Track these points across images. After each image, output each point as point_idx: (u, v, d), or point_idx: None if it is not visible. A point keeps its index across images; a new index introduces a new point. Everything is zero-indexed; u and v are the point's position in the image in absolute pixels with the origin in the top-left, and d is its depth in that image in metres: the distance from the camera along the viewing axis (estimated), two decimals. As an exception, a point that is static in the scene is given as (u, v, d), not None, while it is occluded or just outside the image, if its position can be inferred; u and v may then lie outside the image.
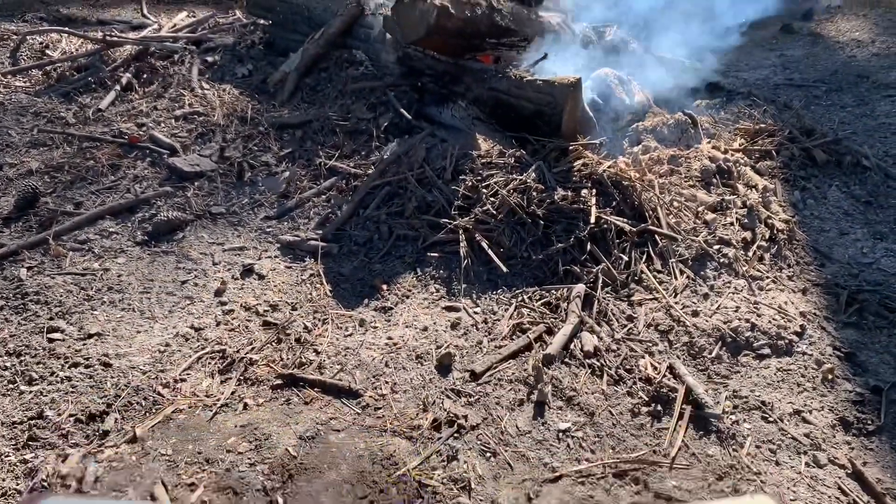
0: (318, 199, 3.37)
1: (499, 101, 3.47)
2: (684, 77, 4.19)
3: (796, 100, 4.83)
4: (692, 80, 4.26)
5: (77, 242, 3.06)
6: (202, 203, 3.32)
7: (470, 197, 3.14)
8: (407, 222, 3.17)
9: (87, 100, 4.07)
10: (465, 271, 2.90)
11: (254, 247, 3.11)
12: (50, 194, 3.34)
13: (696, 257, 2.95)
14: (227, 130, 3.72)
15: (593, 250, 2.88)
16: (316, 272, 2.96)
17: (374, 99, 3.79)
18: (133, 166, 3.53)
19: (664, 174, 3.36)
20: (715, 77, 4.59)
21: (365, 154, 3.55)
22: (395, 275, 2.95)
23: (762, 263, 3.00)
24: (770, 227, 3.15)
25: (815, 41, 6.19)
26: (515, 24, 3.60)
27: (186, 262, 3.00)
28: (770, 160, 3.65)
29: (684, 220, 3.10)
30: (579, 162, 3.17)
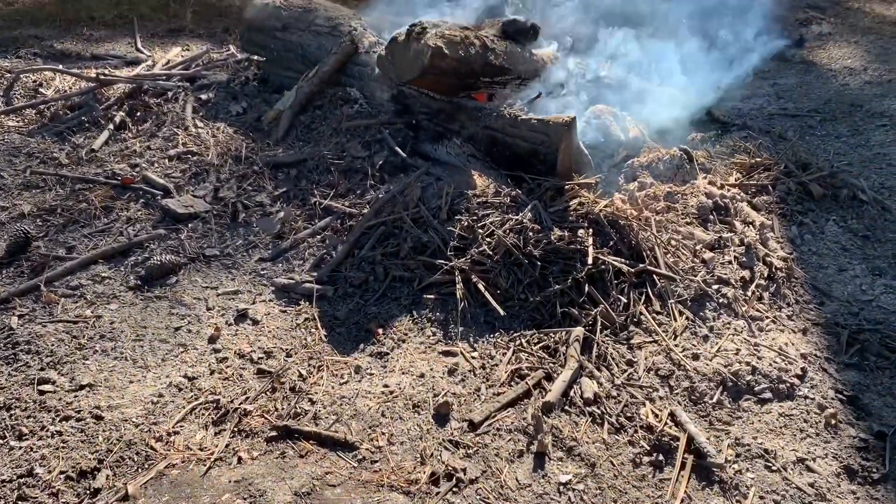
0: (312, 239, 3.35)
1: (494, 139, 3.46)
2: (679, 109, 4.19)
3: (791, 130, 4.84)
4: (687, 112, 4.27)
5: (69, 288, 3.02)
6: (196, 245, 3.29)
7: (466, 237, 3.12)
8: (402, 263, 3.14)
9: (80, 139, 4.06)
10: (461, 314, 2.86)
11: (248, 290, 3.08)
12: (42, 238, 3.31)
13: (695, 298, 2.93)
14: (221, 170, 3.70)
15: (591, 292, 2.85)
16: (311, 316, 2.93)
17: (369, 137, 3.78)
18: (126, 208, 3.50)
19: (661, 211, 3.35)
20: (709, 109, 4.60)
21: (360, 193, 3.53)
22: (390, 318, 2.92)
23: (761, 303, 2.97)
24: (768, 265, 3.13)
25: (807, 69, 6.23)
26: (509, 62, 3.60)
27: (180, 308, 2.96)
28: (767, 195, 3.64)
29: (682, 259, 3.08)
30: (575, 201, 3.15)
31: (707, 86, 4.71)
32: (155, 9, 7.10)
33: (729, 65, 5.26)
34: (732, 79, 4.89)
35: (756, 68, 5.23)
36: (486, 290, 2.90)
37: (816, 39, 6.96)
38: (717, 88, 4.65)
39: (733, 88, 5.09)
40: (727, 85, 4.79)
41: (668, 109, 4.19)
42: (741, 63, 5.47)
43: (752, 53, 5.77)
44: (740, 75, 5.03)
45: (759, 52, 5.87)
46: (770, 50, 6.19)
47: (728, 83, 4.80)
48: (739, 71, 5.00)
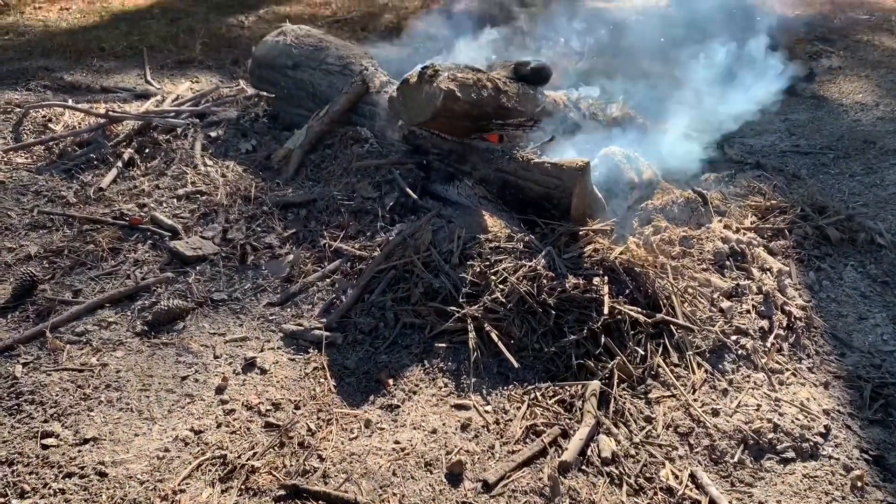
0: (322, 283, 3.30)
1: (506, 182, 3.42)
2: (692, 149, 4.16)
3: (804, 168, 4.80)
4: (700, 151, 4.23)
5: (75, 334, 2.97)
6: (204, 289, 3.24)
7: (478, 283, 3.06)
8: (413, 309, 3.08)
9: (88, 177, 4.03)
10: (474, 364, 2.80)
11: (256, 337, 3.02)
12: (48, 281, 3.26)
13: (714, 349, 2.87)
14: (230, 210, 3.66)
15: (608, 343, 2.79)
16: (320, 365, 2.87)
17: (380, 177, 3.75)
18: (134, 250, 3.46)
19: (676, 256, 3.29)
20: (722, 147, 4.56)
21: (370, 235, 3.49)
22: (401, 367, 2.86)
23: (781, 354, 2.91)
24: (787, 314, 3.07)
25: (818, 104, 6.19)
26: (522, 104, 3.57)
27: (187, 356, 2.90)
28: (783, 239, 3.58)
29: (699, 307, 3.02)
30: (590, 247, 3.10)
31: (719, 124, 4.68)
32: (164, 39, 7.14)
33: (740, 101, 5.24)
34: (745, 116, 4.85)
35: (768, 104, 5.20)
36: (500, 340, 2.84)
37: (826, 73, 6.93)
38: (729, 126, 4.61)
39: (745, 125, 5.06)
40: (739, 122, 4.75)
41: (681, 149, 4.16)
42: (753, 98, 5.45)
43: (763, 89, 5.75)
44: (752, 111, 5.00)
45: (769, 88, 5.85)
46: (781, 85, 6.18)
47: (740, 121, 4.76)
48: (751, 107, 4.96)
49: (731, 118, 4.76)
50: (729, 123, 4.71)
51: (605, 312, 2.82)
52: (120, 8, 8.31)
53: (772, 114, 5.96)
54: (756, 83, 5.69)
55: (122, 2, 8.53)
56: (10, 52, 6.57)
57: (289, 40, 4.38)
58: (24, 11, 7.92)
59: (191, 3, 8.58)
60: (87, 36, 7.16)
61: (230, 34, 7.45)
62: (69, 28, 7.48)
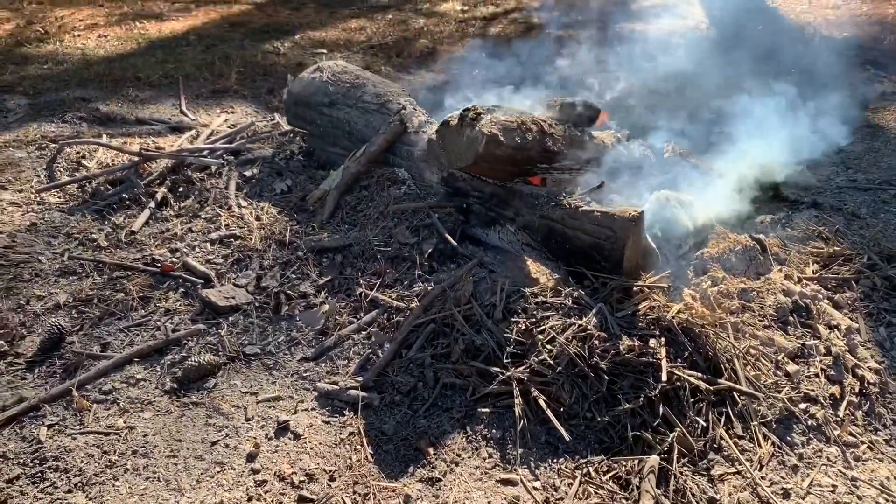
0: (358, 335, 3.14)
1: (551, 229, 3.24)
2: (746, 189, 3.93)
3: (864, 207, 4.52)
4: (755, 192, 4.00)
5: (102, 393, 2.85)
6: (236, 342, 3.11)
7: (523, 342, 2.88)
8: (454, 368, 2.91)
9: (120, 219, 3.94)
10: (520, 433, 2.61)
11: (289, 396, 2.87)
12: (77, 332, 3.16)
13: (781, 419, 2.65)
14: (265, 256, 3.54)
15: (666, 412, 2.58)
16: (356, 429, 2.70)
17: (418, 221, 3.59)
18: (165, 298, 3.34)
19: (736, 311, 3.07)
20: (778, 185, 4.32)
21: (408, 283, 3.33)
22: (442, 434, 2.68)
23: (855, 425, 2.67)
24: (859, 378, 2.83)
25: (874, 133, 5.90)
26: (568, 147, 3.39)
27: (217, 417, 2.76)
28: (849, 291, 3.34)
29: (763, 371, 2.80)
30: (645, 304, 2.90)
31: (775, 159, 4.45)
32: (200, 67, 7.11)
33: (797, 136, 5.01)
34: (803, 153, 4.63)
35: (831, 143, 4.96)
36: (548, 407, 2.65)
37: (880, 100, 6.64)
38: (785, 163, 4.38)
39: (801, 159, 4.82)
40: (796, 158, 4.52)
41: (735, 189, 3.94)
42: (809, 132, 5.21)
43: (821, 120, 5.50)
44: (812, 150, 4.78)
45: (828, 120, 5.60)
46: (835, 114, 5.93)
47: (798, 157, 4.53)
48: (810, 144, 4.74)
49: (786, 156, 4.53)
50: (783, 161, 4.48)
51: (663, 378, 2.62)
52: (157, 35, 8.33)
53: (825, 145, 5.71)
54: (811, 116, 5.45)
55: (158, 28, 8.55)
56: (48, 82, 6.58)
57: (325, 77, 4.26)
58: (63, 39, 7.97)
59: (226, 29, 8.58)
60: (124, 64, 7.16)
61: (265, 61, 7.40)
62: (106, 56, 7.49)
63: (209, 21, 8.90)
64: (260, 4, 9.71)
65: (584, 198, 3.21)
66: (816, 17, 9.03)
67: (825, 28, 8.62)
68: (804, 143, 5.10)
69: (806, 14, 9.20)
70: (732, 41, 6.98)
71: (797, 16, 9.16)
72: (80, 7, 9.18)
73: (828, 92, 6.08)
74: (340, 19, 9.12)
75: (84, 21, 8.70)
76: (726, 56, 6.51)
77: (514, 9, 9.68)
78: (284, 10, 9.50)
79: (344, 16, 9.29)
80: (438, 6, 9.84)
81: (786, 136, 4.96)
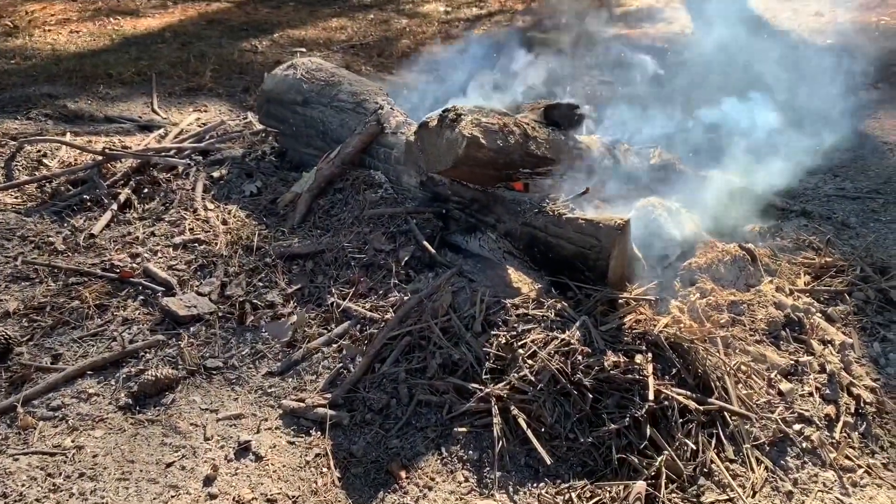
0: (328, 348, 2.96)
1: (534, 237, 3.08)
2: (735, 198, 3.80)
3: (853, 216, 4.42)
4: (744, 200, 3.87)
5: (49, 409, 2.65)
6: (197, 355, 2.91)
7: (503, 357, 2.72)
8: (430, 384, 2.74)
9: (80, 221, 3.73)
10: (499, 455, 2.45)
11: (252, 414, 2.69)
12: (26, 342, 2.95)
13: (774, 441, 2.50)
14: (230, 262, 3.35)
15: (653, 434, 2.42)
16: (323, 451, 2.52)
17: (394, 227, 3.42)
18: (123, 306, 3.14)
19: (725, 324, 2.93)
20: (767, 195, 4.19)
21: (383, 293, 3.16)
22: (415, 455, 2.51)
23: (851, 447, 2.53)
24: (855, 397, 2.70)
25: (861, 142, 5.81)
26: (552, 152, 3.24)
27: (174, 437, 2.57)
28: (842, 304, 3.21)
29: (755, 389, 2.65)
30: (631, 318, 2.75)
31: (762, 167, 4.33)
32: (174, 65, 6.89)
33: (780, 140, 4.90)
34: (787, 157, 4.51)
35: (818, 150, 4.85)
36: (528, 427, 2.49)
37: (866, 108, 6.57)
38: (772, 172, 4.26)
39: (789, 167, 4.71)
40: (786, 166, 4.40)
41: (723, 197, 3.80)
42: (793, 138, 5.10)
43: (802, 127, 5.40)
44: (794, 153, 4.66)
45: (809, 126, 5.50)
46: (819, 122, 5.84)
47: (784, 164, 4.41)
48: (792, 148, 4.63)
49: (774, 162, 4.41)
50: (771, 169, 4.36)
51: (650, 397, 2.46)
52: (131, 31, 8.09)
53: (812, 153, 5.61)
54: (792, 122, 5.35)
55: (133, 25, 8.32)
56: (15, 77, 6.34)
57: (299, 74, 4.08)
58: (32, 34, 7.72)
59: (204, 27, 8.36)
60: (96, 60, 6.93)
61: (242, 60, 7.20)
62: (77, 52, 7.26)
63: (186, 18, 8.68)
64: (239, 2, 9.50)
65: (568, 205, 3.05)
66: (801, 24, 8.97)
67: (809, 35, 8.57)
68: (790, 151, 4.99)
69: (790, 21, 9.14)
70: (717, 47, 6.89)
71: (781, 23, 9.10)
72: (53, 2, 8.93)
73: (813, 99, 5.99)
74: (321, 18, 8.93)
75: (56, 16, 8.45)
76: (711, 62, 6.41)
77: (497, 11, 9.54)
78: (264, 7, 9.30)
79: (325, 15, 9.10)
80: (421, 7, 9.68)
81: (771, 143, 4.85)
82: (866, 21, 9.08)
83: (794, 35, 8.54)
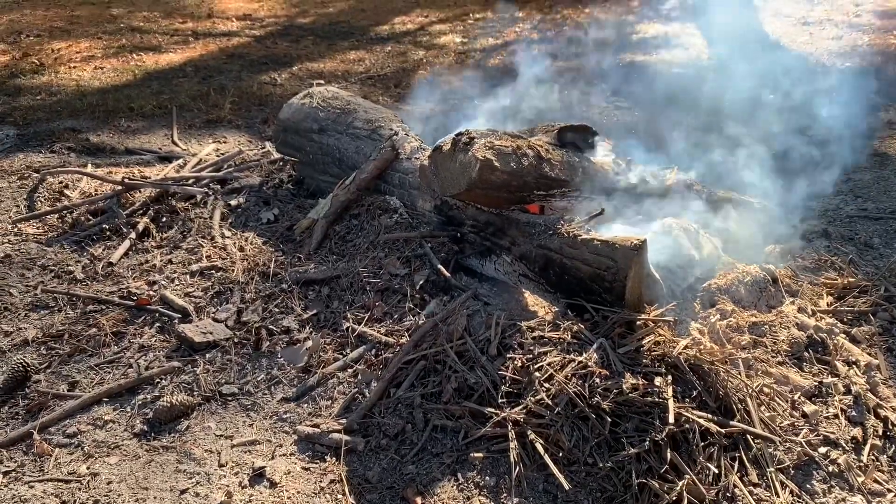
0: (343, 373, 2.95)
1: (549, 259, 3.06)
2: (755, 219, 3.75)
3: (876, 236, 4.34)
4: (763, 221, 3.82)
5: (66, 436, 2.65)
6: (213, 381, 2.91)
7: (519, 381, 2.68)
8: (445, 409, 2.70)
9: (99, 250, 3.77)
10: (516, 480, 2.40)
11: (267, 440, 2.67)
12: (44, 370, 2.97)
13: (799, 464, 2.43)
14: (247, 289, 3.35)
15: (674, 458, 2.37)
16: (337, 477, 2.49)
17: (409, 251, 3.42)
18: (140, 333, 3.16)
19: (746, 346, 2.87)
20: (786, 215, 4.14)
21: (398, 317, 3.14)
22: (431, 481, 2.47)
23: (880, 471, 2.45)
24: (882, 419, 2.62)
25: (882, 162, 5.74)
26: (566, 173, 3.23)
27: (188, 463, 2.55)
28: (866, 324, 3.14)
29: (779, 412, 2.59)
30: (649, 339, 2.70)
31: (780, 187, 4.28)
32: (194, 98, 7.01)
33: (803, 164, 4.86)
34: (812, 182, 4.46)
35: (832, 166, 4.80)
36: (546, 452, 2.44)
37: (886, 128, 6.50)
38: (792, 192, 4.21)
39: (810, 190, 4.66)
40: (805, 189, 4.35)
41: (742, 217, 3.76)
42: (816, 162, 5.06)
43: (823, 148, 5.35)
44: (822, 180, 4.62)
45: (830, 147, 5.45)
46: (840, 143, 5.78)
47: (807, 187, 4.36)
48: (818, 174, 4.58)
49: (795, 183, 4.37)
50: (792, 190, 4.31)
51: (670, 420, 2.41)
52: (153, 66, 8.25)
53: (833, 174, 5.55)
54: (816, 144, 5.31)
55: (156, 60, 8.49)
56: (40, 113, 6.48)
57: (315, 103, 4.12)
58: (58, 71, 7.90)
59: (224, 61, 8.51)
60: (118, 95, 7.07)
61: (261, 92, 7.30)
62: (101, 87, 7.41)
63: (207, 53, 8.84)
64: (259, 37, 9.67)
65: (583, 226, 3.03)
66: (818, 48, 8.94)
67: (827, 58, 8.54)
68: (810, 172, 4.94)
69: (808, 45, 9.12)
70: (734, 71, 6.88)
71: (799, 47, 9.08)
72: (78, 40, 9.14)
73: (833, 120, 5.94)
74: (339, 51, 9.06)
75: (81, 53, 8.65)
76: (728, 85, 6.39)
77: (513, 41, 9.62)
78: (283, 42, 9.45)
79: (343, 48, 9.23)
80: (438, 39, 9.79)
81: (791, 164, 4.81)
82: (885, 43, 9.03)
83: (812, 59, 8.51)
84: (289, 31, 9.94)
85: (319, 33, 9.91)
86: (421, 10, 11.44)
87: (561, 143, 3.35)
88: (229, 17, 10.60)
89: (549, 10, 11.39)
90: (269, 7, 11.33)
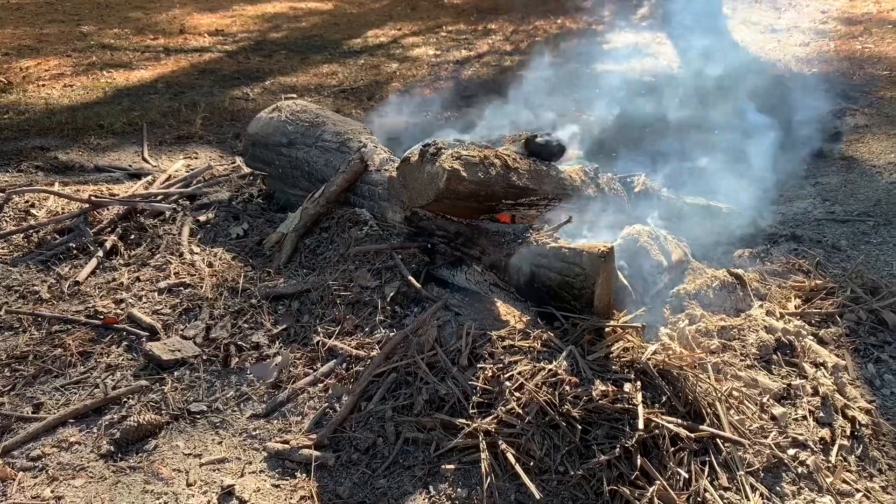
0: (314, 388, 2.92)
1: (519, 268, 3.06)
2: (721, 222, 3.80)
3: (844, 239, 4.40)
4: (732, 226, 3.86)
5: (29, 459, 2.60)
6: (181, 399, 2.87)
7: (490, 391, 2.67)
8: (416, 421, 2.69)
9: (66, 269, 3.71)
10: (488, 491, 2.39)
11: (237, 457, 2.63)
12: (8, 393, 2.91)
13: (769, 467, 2.44)
14: (216, 305, 3.32)
15: (644, 464, 2.37)
16: (308, 493, 2.46)
17: (380, 263, 3.40)
18: (106, 353, 3.11)
19: (715, 350, 2.89)
20: (754, 220, 4.19)
21: (369, 330, 3.12)
22: (402, 495, 2.45)
23: (848, 471, 2.47)
24: (850, 419, 2.64)
25: (849, 166, 5.83)
26: (534, 182, 3.24)
27: (155, 483, 2.51)
28: (833, 326, 3.17)
29: (748, 415, 2.60)
30: (618, 346, 2.71)
31: (748, 192, 4.34)
32: (165, 114, 6.95)
33: (768, 166, 4.91)
34: (775, 182, 4.52)
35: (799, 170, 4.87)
36: (517, 461, 2.43)
37: (853, 132, 6.61)
38: (759, 195, 4.26)
39: (775, 191, 4.72)
40: (771, 190, 4.41)
41: (709, 222, 3.80)
42: (781, 163, 5.12)
43: (791, 152, 5.43)
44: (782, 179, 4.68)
45: (798, 151, 5.53)
46: (808, 147, 5.86)
47: (771, 188, 4.41)
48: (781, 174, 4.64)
49: (760, 186, 4.42)
50: (757, 192, 4.37)
51: (640, 426, 2.41)
52: (124, 83, 8.18)
53: (801, 178, 5.62)
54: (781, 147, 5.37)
55: (126, 77, 8.42)
56: (7, 132, 6.39)
57: (283, 116, 4.11)
58: (27, 89, 7.80)
59: (196, 77, 8.46)
60: (88, 112, 7.00)
61: (234, 107, 7.27)
62: (70, 105, 7.32)
63: (178, 69, 8.79)
64: (231, 52, 9.63)
65: (551, 234, 3.04)
66: (786, 55, 9.09)
67: (794, 64, 8.68)
68: (778, 176, 5.01)
69: (775, 52, 9.27)
70: (704, 79, 6.97)
71: (766, 53, 9.22)
72: (47, 58, 9.04)
73: (800, 125, 6.04)
74: (312, 65, 9.05)
75: (50, 71, 8.56)
76: (697, 93, 6.47)
77: (486, 52, 9.68)
78: (256, 56, 9.43)
79: (316, 61, 9.22)
80: (411, 51, 9.81)
81: (759, 169, 4.87)
82: (850, 49, 9.20)
83: (780, 65, 8.65)
84: (261, 46, 9.92)
85: (292, 47, 9.89)
86: (394, 22, 11.48)
87: (528, 152, 3.37)
88: (201, 32, 10.55)
89: (521, 21, 11.49)
90: (241, 22, 11.30)
